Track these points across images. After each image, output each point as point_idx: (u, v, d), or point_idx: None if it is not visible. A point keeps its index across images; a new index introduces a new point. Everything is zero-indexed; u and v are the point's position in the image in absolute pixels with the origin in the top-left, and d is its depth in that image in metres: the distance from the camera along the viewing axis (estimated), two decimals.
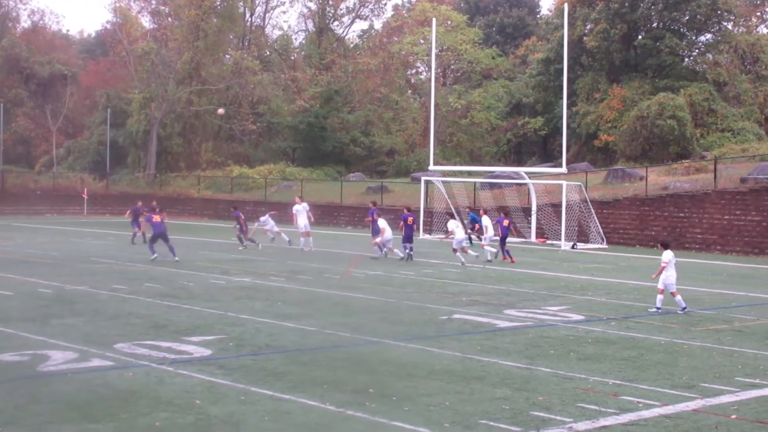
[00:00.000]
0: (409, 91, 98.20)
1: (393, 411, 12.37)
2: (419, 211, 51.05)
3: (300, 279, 28.52)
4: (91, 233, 49.43)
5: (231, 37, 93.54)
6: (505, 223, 37.82)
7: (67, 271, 29.27)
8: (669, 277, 22.28)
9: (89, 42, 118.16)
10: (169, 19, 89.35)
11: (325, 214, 63.12)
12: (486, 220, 38.16)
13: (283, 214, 49.94)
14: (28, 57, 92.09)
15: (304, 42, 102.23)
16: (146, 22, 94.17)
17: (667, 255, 22.31)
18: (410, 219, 36.99)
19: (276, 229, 41.95)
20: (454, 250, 34.81)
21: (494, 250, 36.76)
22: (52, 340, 16.92)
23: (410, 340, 17.87)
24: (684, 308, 22.22)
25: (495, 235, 38.00)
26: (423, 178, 55.02)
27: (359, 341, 17.73)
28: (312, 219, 40.73)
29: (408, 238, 36.50)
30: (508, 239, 38.03)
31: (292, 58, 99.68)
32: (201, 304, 22.12)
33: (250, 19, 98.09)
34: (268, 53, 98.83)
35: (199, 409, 12.27)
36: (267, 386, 13.65)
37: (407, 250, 36.12)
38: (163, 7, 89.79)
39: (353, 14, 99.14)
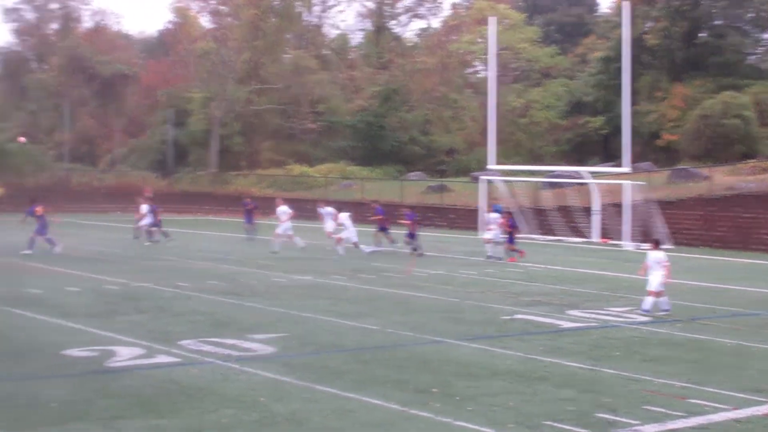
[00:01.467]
0: (468, 90, 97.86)
1: (456, 411, 12.34)
2: (477, 210, 50.85)
3: (361, 278, 28.55)
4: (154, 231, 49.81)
5: (289, 36, 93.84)
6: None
7: (131, 269, 29.60)
8: (657, 276, 21.85)
9: (150, 42, 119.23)
10: (229, 18, 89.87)
11: (386, 213, 63.07)
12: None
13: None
14: (90, 57, 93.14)
15: (362, 41, 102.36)
16: (206, 21, 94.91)
17: (660, 254, 22.12)
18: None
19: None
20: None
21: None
22: (119, 336, 17.11)
23: (472, 340, 17.81)
24: (666, 310, 21.81)
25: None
26: (482, 178, 54.79)
27: (421, 340, 17.71)
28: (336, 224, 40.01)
29: (411, 235, 37.75)
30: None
31: (350, 57, 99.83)
32: (263, 302, 22.24)
33: (308, 19, 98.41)
34: (326, 52, 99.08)
35: (263, 407, 12.33)
36: (330, 384, 13.68)
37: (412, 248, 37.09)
38: (222, 7, 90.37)
39: (411, 13, 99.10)
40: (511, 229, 36.48)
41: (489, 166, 54.41)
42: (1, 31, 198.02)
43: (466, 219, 57.12)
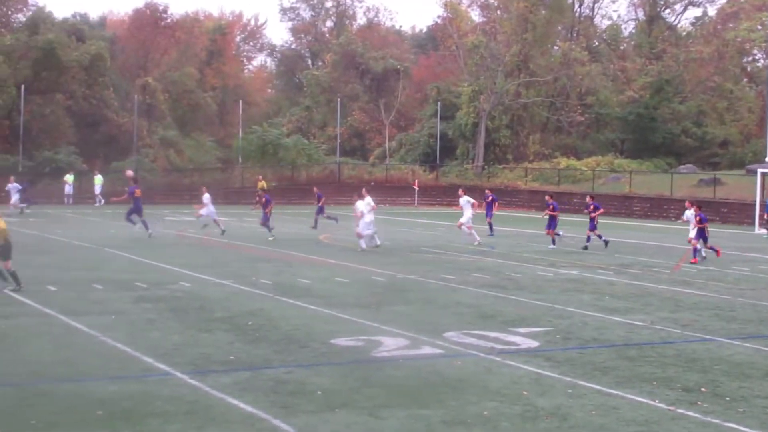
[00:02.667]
0: (745, 80, 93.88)
1: (726, 412, 11.89)
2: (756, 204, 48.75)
3: (628, 273, 27.97)
4: (421, 224, 50.73)
5: (559, 28, 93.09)
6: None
7: (398, 260, 30.19)
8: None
9: (420, 37, 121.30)
10: (498, 12, 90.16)
11: (653, 207, 61.70)
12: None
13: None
14: (363, 53, 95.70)
15: (633, 31, 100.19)
16: (475, 15, 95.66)
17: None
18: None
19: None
20: None
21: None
22: (384, 326, 17.48)
23: (745, 339, 17.10)
24: None
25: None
26: (759, 171, 52.43)
27: (690, 338, 17.16)
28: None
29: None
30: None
31: (622, 48, 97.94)
32: (528, 296, 22.17)
33: (578, 10, 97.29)
34: (596, 44, 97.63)
35: (526, 400, 12.28)
36: (594, 380, 13.48)
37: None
38: (492, 1, 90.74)
39: (686, 1, 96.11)
40: (702, 224, 32.59)
41: (767, 159, 52.06)
42: (278, 29, 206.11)
43: (739, 213, 54.99)
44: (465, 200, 37.54)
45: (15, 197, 52.84)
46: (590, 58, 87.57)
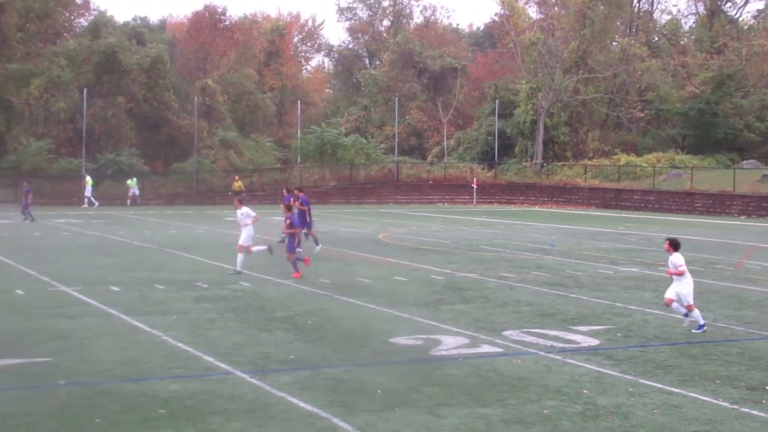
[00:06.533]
0: None
1: None
2: None
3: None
4: (480, 222, 50.61)
5: (618, 23, 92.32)
6: None
7: (457, 259, 30.13)
8: (686, 286, 17.22)
9: (478, 35, 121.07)
10: (556, 8, 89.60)
11: (715, 204, 60.97)
12: None
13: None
14: (420, 52, 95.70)
15: (693, 26, 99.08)
16: (533, 12, 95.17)
17: (681, 258, 17.40)
18: None
19: None
20: None
21: None
22: (443, 325, 17.46)
23: None
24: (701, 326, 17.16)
25: None
26: None
27: (754, 336, 16.95)
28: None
29: None
30: None
31: (682, 42, 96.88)
32: (588, 294, 22.03)
33: (637, 5, 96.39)
34: (656, 39, 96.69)
35: (587, 399, 12.22)
36: (656, 378, 13.37)
37: None
38: None
39: None
40: None
41: None
42: (335, 29, 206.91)
43: None
44: None
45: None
46: (650, 53, 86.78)
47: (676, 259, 17.24)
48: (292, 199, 33.69)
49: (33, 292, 21.51)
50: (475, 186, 74.71)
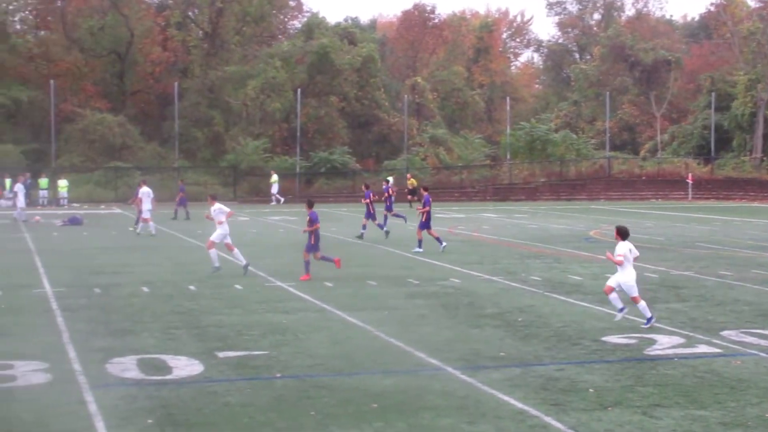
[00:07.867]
0: None
1: None
2: None
3: None
4: (696, 218, 49.12)
5: None
6: None
7: (671, 256, 29.37)
8: (627, 276, 16.85)
9: (692, 26, 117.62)
10: None
11: None
12: None
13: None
14: (632, 44, 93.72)
15: None
16: (751, 1, 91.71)
17: (624, 247, 16.92)
18: None
19: None
20: None
21: None
22: (658, 324, 17.02)
23: None
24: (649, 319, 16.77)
25: None
26: None
27: None
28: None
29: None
30: None
31: None
32: None
33: None
34: None
35: None
36: None
37: None
38: None
39: None
40: None
41: None
42: (545, 24, 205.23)
43: None
44: None
45: (21, 200, 45.06)
46: None
47: (619, 248, 16.98)
48: (372, 194, 34.46)
49: (250, 287, 22.22)
50: (690, 181, 72.55)
